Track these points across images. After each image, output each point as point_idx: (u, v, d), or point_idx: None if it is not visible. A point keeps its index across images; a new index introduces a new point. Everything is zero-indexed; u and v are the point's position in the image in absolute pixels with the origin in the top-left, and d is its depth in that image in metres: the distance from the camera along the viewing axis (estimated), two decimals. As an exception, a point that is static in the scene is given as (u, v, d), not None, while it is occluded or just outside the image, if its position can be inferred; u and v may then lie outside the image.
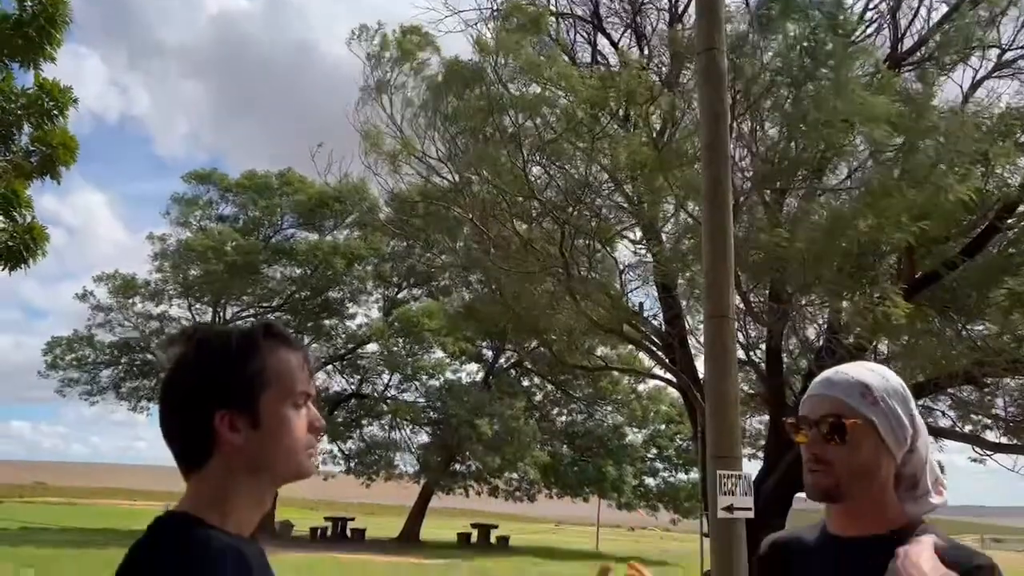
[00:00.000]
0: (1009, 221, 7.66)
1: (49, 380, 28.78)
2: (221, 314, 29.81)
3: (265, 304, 29.69)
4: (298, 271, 30.04)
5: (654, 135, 8.71)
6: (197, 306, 29.59)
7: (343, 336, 31.05)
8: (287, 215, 30.69)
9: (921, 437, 1.57)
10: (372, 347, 29.67)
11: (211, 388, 1.28)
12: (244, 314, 29.78)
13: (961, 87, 9.13)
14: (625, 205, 9.82)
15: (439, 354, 29.97)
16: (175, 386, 1.31)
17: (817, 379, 1.63)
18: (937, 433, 10.16)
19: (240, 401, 1.29)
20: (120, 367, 29.48)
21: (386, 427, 29.79)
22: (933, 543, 1.40)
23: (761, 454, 10.45)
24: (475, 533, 29.67)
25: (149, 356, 29.70)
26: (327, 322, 30.28)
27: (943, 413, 10.46)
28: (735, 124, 7.92)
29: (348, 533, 28.23)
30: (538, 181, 9.90)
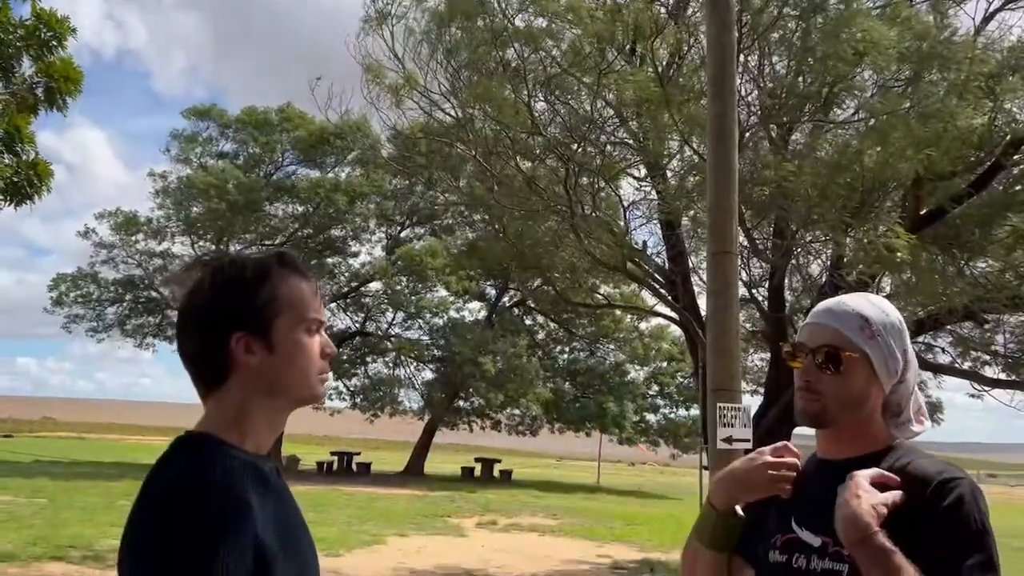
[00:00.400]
0: (1015, 157, 7.61)
1: (55, 317, 29.00)
2: (224, 251, 29.84)
3: (267, 242, 29.68)
4: (300, 209, 29.95)
5: (660, 69, 8.59)
6: (200, 244, 29.60)
7: (346, 274, 31.13)
8: (288, 152, 30.47)
9: (911, 370, 1.61)
10: (375, 285, 29.80)
11: (227, 312, 1.32)
12: (246, 252, 29.77)
13: (973, 19, 8.96)
14: (630, 142, 9.73)
15: (442, 293, 30.09)
16: (192, 310, 1.34)
17: (818, 307, 1.66)
18: (937, 369, 10.27)
19: (255, 325, 1.32)
20: (125, 304, 29.66)
21: (390, 364, 30.10)
22: (878, 471, 1.46)
23: (762, 389, 10.59)
24: (478, 467, 30.23)
25: (153, 293, 29.86)
26: (330, 260, 30.31)
27: (943, 350, 10.56)
28: (742, 58, 7.80)
29: (353, 467, 28.77)
30: (542, 117, 9.80)
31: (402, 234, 31.80)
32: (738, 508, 1.69)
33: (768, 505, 1.73)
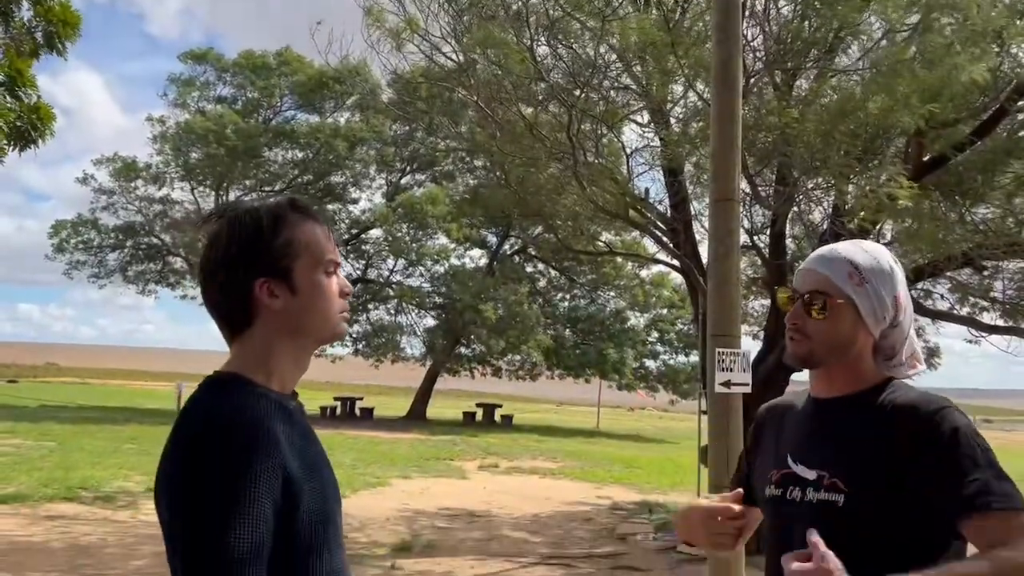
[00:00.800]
0: (1020, 103, 7.56)
1: (56, 264, 29.06)
2: (224, 197, 29.75)
3: (267, 188, 29.58)
4: (299, 155, 29.78)
5: (665, 12, 8.48)
6: (199, 189, 29.51)
7: (347, 221, 31.10)
8: (286, 96, 30.18)
9: (905, 315, 1.65)
10: (376, 232, 29.80)
11: (248, 259, 1.37)
12: (247, 198, 29.67)
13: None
14: (633, 87, 9.65)
15: (443, 240, 30.10)
16: (214, 260, 1.39)
17: (812, 254, 1.72)
18: (935, 316, 10.36)
19: (276, 270, 1.38)
20: (126, 250, 29.69)
21: (392, 311, 30.28)
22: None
23: (762, 335, 10.70)
24: (479, 412, 30.62)
25: (154, 239, 29.87)
26: (330, 207, 30.24)
27: (942, 296, 10.63)
28: (748, 1, 7.71)
29: (357, 412, 29.13)
30: (544, 63, 9.70)
31: (402, 181, 31.67)
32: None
33: (766, 445, 1.80)
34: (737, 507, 1.71)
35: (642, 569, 7.91)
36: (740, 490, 1.75)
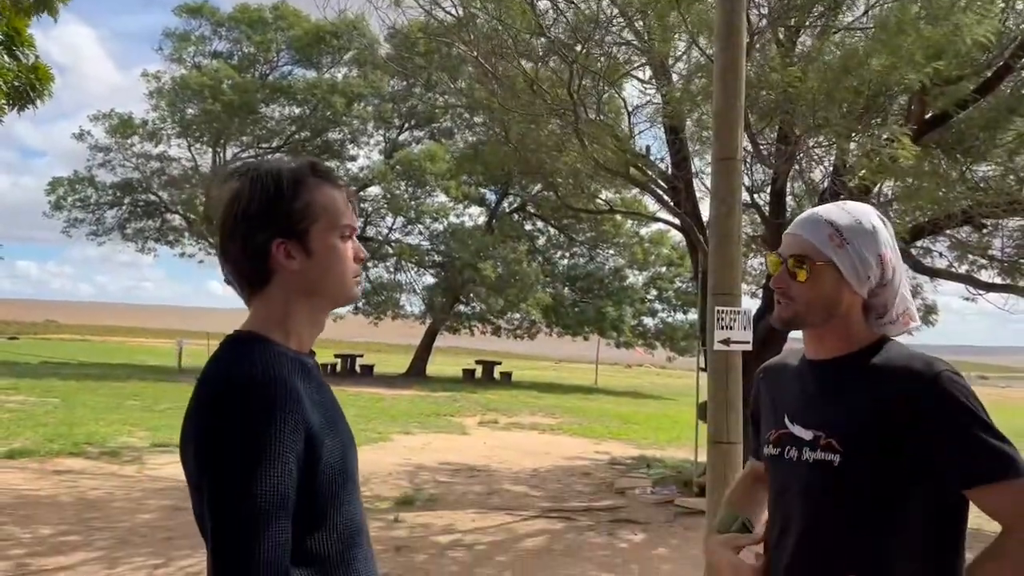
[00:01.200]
0: (1024, 60, 7.50)
1: (54, 221, 28.97)
2: (221, 154, 29.59)
3: (265, 145, 29.39)
4: (297, 111, 29.52)
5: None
6: (196, 146, 29.31)
7: (345, 179, 30.76)
8: (283, 51, 29.81)
9: (895, 273, 1.67)
10: (374, 190, 29.66)
11: (266, 220, 1.40)
12: (244, 155, 29.55)
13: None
14: (635, 43, 9.55)
15: (442, 198, 30.00)
16: (233, 218, 1.41)
17: (797, 218, 1.75)
18: (934, 273, 10.40)
19: (293, 232, 1.41)
20: (124, 208, 29.57)
21: (391, 269, 30.30)
22: None
23: (760, 293, 10.75)
24: (479, 369, 30.82)
25: (152, 197, 29.74)
26: (328, 164, 30.08)
27: (940, 254, 10.67)
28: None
29: (357, 369, 29.32)
30: (545, 17, 9.58)
31: (400, 138, 31.45)
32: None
33: (765, 406, 1.85)
34: (759, 551, 1.75)
35: (640, 522, 8.07)
36: (760, 535, 1.76)
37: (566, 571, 6.22)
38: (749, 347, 4.91)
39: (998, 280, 10.03)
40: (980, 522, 1.53)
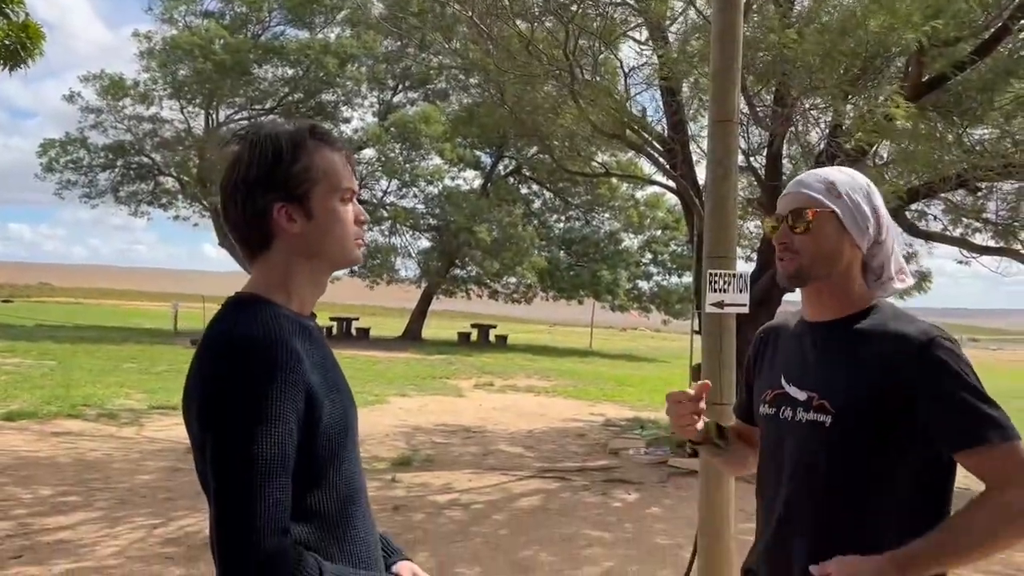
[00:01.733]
0: (1023, 22, 7.43)
1: (46, 183, 28.78)
2: (214, 116, 29.31)
3: (257, 107, 29.11)
4: (290, 72, 29.19)
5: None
6: (189, 108, 29.01)
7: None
8: (275, 11, 29.39)
9: (888, 233, 1.70)
10: (368, 152, 29.47)
11: (267, 183, 1.41)
12: (237, 117, 29.29)
13: None
14: (632, 3, 9.45)
15: (437, 161, 29.83)
16: (235, 183, 1.43)
17: (791, 181, 1.77)
18: (928, 236, 10.43)
19: (293, 195, 1.42)
20: (117, 170, 29.36)
21: (386, 232, 30.22)
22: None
23: (755, 256, 10.77)
24: (474, 332, 30.94)
25: (145, 159, 29.51)
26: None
27: (935, 218, 10.68)
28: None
29: (353, 332, 29.42)
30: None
31: (395, 99, 31.18)
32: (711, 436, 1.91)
33: (763, 367, 1.88)
34: (693, 392, 1.81)
35: (634, 482, 8.18)
36: (707, 382, 1.83)
37: (561, 530, 6.32)
38: (746, 310, 4.94)
39: (992, 243, 10.07)
40: (968, 482, 1.56)
